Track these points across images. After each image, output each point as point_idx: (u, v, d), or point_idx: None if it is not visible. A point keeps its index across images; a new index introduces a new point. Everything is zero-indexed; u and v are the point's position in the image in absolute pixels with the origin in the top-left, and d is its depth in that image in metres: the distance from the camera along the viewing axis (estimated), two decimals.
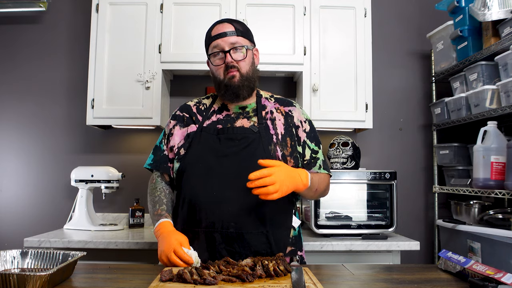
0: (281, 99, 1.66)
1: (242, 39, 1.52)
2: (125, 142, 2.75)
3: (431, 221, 2.75)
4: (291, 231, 1.52)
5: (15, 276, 0.98)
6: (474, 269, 1.15)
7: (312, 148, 1.59)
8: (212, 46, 1.52)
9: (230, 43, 1.50)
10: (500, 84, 2.00)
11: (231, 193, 1.42)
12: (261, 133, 1.50)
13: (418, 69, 2.84)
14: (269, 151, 1.48)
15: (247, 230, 1.41)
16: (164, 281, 1.10)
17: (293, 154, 1.52)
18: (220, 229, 1.41)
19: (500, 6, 2.01)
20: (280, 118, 1.57)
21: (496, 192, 1.97)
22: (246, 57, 1.52)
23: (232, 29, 1.51)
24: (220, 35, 1.50)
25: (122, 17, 2.44)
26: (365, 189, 2.39)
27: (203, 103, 1.64)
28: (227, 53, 1.49)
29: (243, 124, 1.53)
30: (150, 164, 1.61)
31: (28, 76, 2.77)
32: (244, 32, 1.54)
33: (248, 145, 1.47)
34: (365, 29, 2.48)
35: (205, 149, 1.49)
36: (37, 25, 2.80)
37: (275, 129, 1.54)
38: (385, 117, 2.80)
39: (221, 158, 1.46)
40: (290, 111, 1.60)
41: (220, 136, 1.50)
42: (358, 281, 1.22)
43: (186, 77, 2.76)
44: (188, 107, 1.63)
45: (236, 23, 1.54)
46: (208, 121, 1.56)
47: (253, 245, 1.41)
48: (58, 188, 2.72)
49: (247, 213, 1.42)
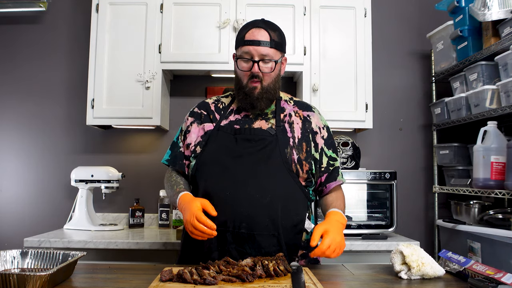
0: (300, 102, 1.64)
1: (274, 51, 1.48)
2: (125, 142, 2.75)
3: (431, 221, 2.75)
4: (304, 235, 1.50)
5: (15, 276, 0.98)
6: (474, 269, 1.16)
7: (330, 155, 1.57)
8: (243, 50, 1.48)
9: (261, 54, 1.46)
10: (500, 84, 2.00)
11: (245, 194, 1.41)
12: (278, 136, 1.49)
13: (418, 69, 2.84)
14: (285, 154, 1.47)
15: (259, 231, 1.40)
16: (164, 281, 1.10)
17: (308, 159, 1.51)
18: (231, 229, 1.40)
19: (500, 6, 2.01)
20: (298, 122, 1.55)
21: (496, 192, 1.97)
22: (273, 71, 1.49)
23: (267, 38, 1.46)
24: (253, 42, 1.46)
25: (122, 17, 2.44)
26: (365, 189, 2.39)
27: (222, 102, 1.63)
28: (255, 63, 1.46)
29: (261, 126, 1.51)
30: (167, 160, 1.62)
31: (28, 76, 2.77)
32: (278, 43, 1.49)
33: (264, 147, 1.46)
34: (365, 29, 2.48)
35: (221, 149, 1.48)
36: (37, 25, 2.80)
37: (292, 132, 1.52)
38: (385, 117, 2.80)
39: (237, 159, 1.45)
40: (309, 116, 1.59)
41: (237, 136, 1.49)
42: (358, 281, 1.22)
43: (186, 77, 2.76)
44: (207, 104, 1.62)
45: (272, 32, 1.48)
46: (226, 121, 1.55)
47: (264, 247, 1.40)
48: (58, 188, 2.72)
49: (260, 215, 1.40)
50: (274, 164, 1.45)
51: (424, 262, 1.19)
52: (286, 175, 1.45)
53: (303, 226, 1.49)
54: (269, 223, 1.41)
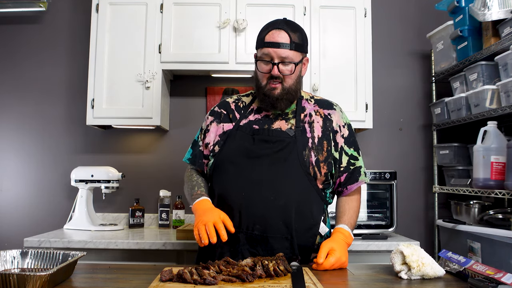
0: (321, 100, 1.61)
1: (294, 53, 1.45)
2: (125, 142, 2.75)
3: (431, 221, 2.75)
4: (318, 238, 1.49)
5: (15, 276, 0.98)
6: (474, 269, 1.15)
7: (351, 154, 1.54)
8: (263, 52, 1.46)
9: (281, 56, 1.44)
10: (500, 84, 2.00)
11: (260, 196, 1.41)
12: (297, 137, 1.47)
13: (418, 69, 2.84)
14: (303, 156, 1.44)
15: (272, 234, 1.40)
16: (164, 281, 1.10)
17: (328, 160, 1.48)
18: (245, 230, 1.40)
19: (500, 6, 2.01)
20: (319, 121, 1.53)
21: (496, 192, 1.97)
22: (293, 73, 1.47)
23: (287, 41, 1.44)
24: (273, 44, 1.44)
25: (122, 17, 2.44)
26: (365, 189, 2.39)
27: (242, 101, 1.62)
28: (275, 65, 1.44)
29: (280, 126, 1.50)
30: (188, 159, 1.62)
31: (28, 76, 2.77)
32: (299, 45, 1.46)
33: (282, 149, 1.45)
34: (365, 29, 2.48)
35: (239, 149, 1.48)
36: (37, 25, 2.80)
37: (312, 132, 1.50)
38: (385, 117, 2.80)
39: (253, 159, 1.45)
40: (330, 114, 1.56)
41: (255, 136, 1.48)
42: (358, 281, 1.22)
43: (186, 77, 2.76)
44: (227, 104, 1.61)
45: (293, 33, 1.45)
46: (245, 120, 1.54)
47: (277, 249, 1.39)
48: (58, 188, 2.72)
49: (273, 217, 1.40)
50: (291, 166, 1.43)
51: (424, 262, 1.19)
52: (303, 177, 1.44)
53: (317, 229, 1.48)
54: (282, 226, 1.40)
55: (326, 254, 1.33)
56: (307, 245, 1.45)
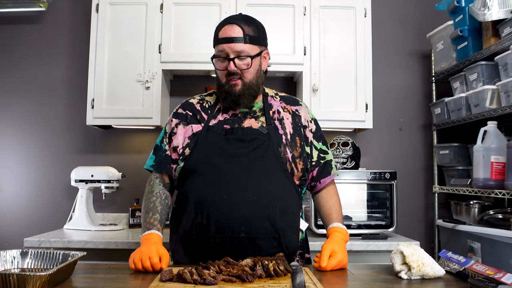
0: (287, 97, 1.62)
1: (249, 46, 1.42)
2: (125, 142, 2.75)
3: (431, 221, 2.75)
4: (300, 234, 1.49)
5: (15, 276, 0.98)
6: (474, 269, 1.15)
7: (320, 148, 1.55)
8: (218, 49, 1.45)
9: (235, 51, 1.41)
10: (500, 84, 2.00)
11: (241, 197, 1.37)
12: (270, 135, 1.45)
13: (418, 69, 2.84)
14: (279, 153, 1.44)
15: (259, 235, 1.37)
16: (164, 281, 1.10)
17: (303, 155, 1.49)
18: (230, 234, 1.35)
19: (500, 6, 2.01)
20: (288, 117, 1.53)
21: (496, 192, 1.97)
22: (251, 67, 1.44)
23: (240, 34, 1.41)
24: (226, 39, 1.42)
25: (122, 17, 2.44)
26: (365, 189, 2.39)
27: (206, 100, 1.58)
28: (231, 61, 1.42)
29: (251, 125, 1.48)
30: (152, 166, 1.54)
31: (28, 76, 2.77)
32: (254, 38, 1.43)
33: (258, 147, 1.43)
34: (365, 29, 2.48)
35: (212, 150, 1.43)
36: (37, 25, 2.80)
37: (283, 129, 1.50)
38: (385, 117, 2.80)
39: (230, 160, 1.41)
40: (297, 110, 1.56)
41: (229, 136, 1.45)
42: (358, 281, 1.22)
43: (186, 77, 2.76)
44: (191, 104, 1.57)
45: (247, 26, 1.43)
46: (214, 120, 1.50)
47: (265, 250, 1.37)
48: (58, 188, 2.71)
49: (258, 218, 1.37)
50: (269, 164, 1.42)
51: (424, 262, 1.19)
52: (282, 175, 1.43)
53: (299, 226, 1.49)
54: (268, 225, 1.38)
55: (328, 256, 1.33)
56: (292, 242, 1.44)
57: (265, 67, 1.54)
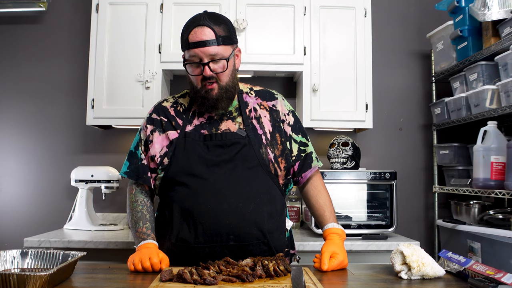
0: (262, 92, 1.55)
1: (223, 48, 1.36)
2: (125, 142, 2.75)
3: (431, 221, 2.75)
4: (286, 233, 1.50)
5: (15, 276, 0.98)
6: (474, 269, 1.15)
7: (300, 141, 1.51)
8: (190, 54, 1.37)
9: (209, 54, 1.35)
10: (500, 84, 2.00)
11: (228, 205, 1.35)
12: (250, 137, 1.41)
13: (418, 69, 2.84)
14: (261, 155, 1.41)
15: (248, 241, 1.35)
16: (164, 281, 1.10)
17: (285, 152, 1.45)
18: (219, 243, 1.34)
19: (500, 6, 2.01)
20: (266, 115, 1.48)
21: (496, 192, 1.97)
22: (227, 69, 1.38)
23: (212, 36, 1.34)
24: (198, 44, 1.34)
25: (122, 17, 2.44)
26: (365, 189, 2.39)
27: (180, 103, 1.51)
28: (205, 65, 1.36)
29: (228, 127, 1.43)
30: (126, 172, 1.48)
31: (28, 76, 2.77)
32: (226, 38, 1.37)
33: (238, 151, 1.39)
34: (365, 29, 2.48)
35: (192, 158, 1.38)
36: (37, 25, 2.80)
37: (262, 128, 1.46)
38: (385, 117, 2.80)
39: (212, 168, 1.37)
40: (274, 105, 1.51)
41: (208, 143, 1.40)
42: (358, 281, 1.22)
43: (186, 77, 2.75)
44: (165, 109, 1.50)
45: (217, 27, 1.36)
46: (190, 126, 1.44)
47: (255, 255, 1.35)
48: (58, 188, 2.71)
49: (246, 225, 1.35)
50: (252, 168, 1.39)
51: (425, 262, 1.19)
52: (265, 177, 1.41)
53: (285, 226, 1.48)
54: (256, 231, 1.36)
55: (329, 258, 1.33)
56: (280, 243, 1.44)
57: (239, 65, 1.49)
